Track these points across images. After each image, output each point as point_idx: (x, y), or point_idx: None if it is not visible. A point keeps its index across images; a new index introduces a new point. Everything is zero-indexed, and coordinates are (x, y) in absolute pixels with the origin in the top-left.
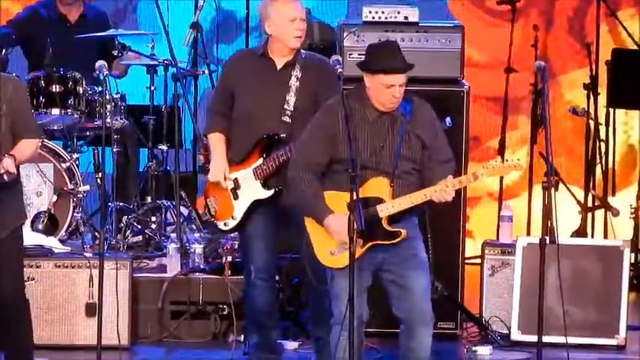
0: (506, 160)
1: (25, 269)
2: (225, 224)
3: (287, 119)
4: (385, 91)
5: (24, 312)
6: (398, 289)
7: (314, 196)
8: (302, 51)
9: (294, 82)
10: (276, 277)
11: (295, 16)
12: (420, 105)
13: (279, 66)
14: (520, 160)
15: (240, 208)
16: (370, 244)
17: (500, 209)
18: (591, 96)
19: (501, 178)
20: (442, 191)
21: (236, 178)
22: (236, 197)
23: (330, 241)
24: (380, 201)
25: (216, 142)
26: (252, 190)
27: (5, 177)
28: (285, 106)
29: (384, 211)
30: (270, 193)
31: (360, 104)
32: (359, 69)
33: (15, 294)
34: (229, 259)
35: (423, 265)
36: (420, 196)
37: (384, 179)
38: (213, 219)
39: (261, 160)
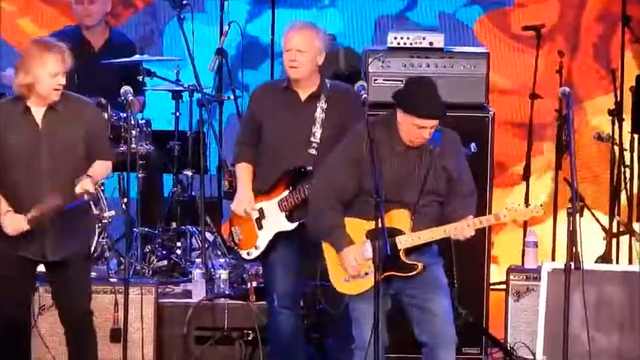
0: (529, 205)
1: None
2: (248, 253)
3: (313, 151)
4: (415, 130)
5: (90, 327)
6: (420, 313)
7: (334, 222)
8: (327, 81)
9: (319, 114)
10: (301, 303)
11: (289, 47)
12: (449, 135)
13: (303, 97)
14: (542, 207)
15: (263, 238)
16: (386, 274)
17: (525, 235)
18: (616, 122)
19: (526, 204)
20: (462, 229)
21: (261, 208)
22: (260, 227)
23: (344, 269)
24: (400, 232)
25: (243, 172)
26: (277, 221)
27: (85, 196)
28: (312, 139)
29: (402, 243)
30: (294, 225)
31: (389, 135)
32: (393, 100)
33: (80, 310)
34: (254, 284)
35: (443, 288)
36: (441, 231)
37: (405, 211)
38: (237, 247)
39: (287, 192)
